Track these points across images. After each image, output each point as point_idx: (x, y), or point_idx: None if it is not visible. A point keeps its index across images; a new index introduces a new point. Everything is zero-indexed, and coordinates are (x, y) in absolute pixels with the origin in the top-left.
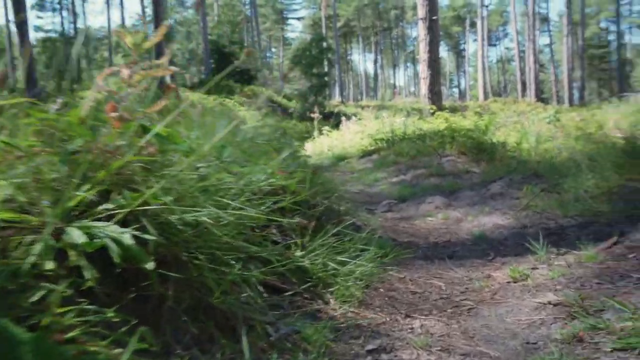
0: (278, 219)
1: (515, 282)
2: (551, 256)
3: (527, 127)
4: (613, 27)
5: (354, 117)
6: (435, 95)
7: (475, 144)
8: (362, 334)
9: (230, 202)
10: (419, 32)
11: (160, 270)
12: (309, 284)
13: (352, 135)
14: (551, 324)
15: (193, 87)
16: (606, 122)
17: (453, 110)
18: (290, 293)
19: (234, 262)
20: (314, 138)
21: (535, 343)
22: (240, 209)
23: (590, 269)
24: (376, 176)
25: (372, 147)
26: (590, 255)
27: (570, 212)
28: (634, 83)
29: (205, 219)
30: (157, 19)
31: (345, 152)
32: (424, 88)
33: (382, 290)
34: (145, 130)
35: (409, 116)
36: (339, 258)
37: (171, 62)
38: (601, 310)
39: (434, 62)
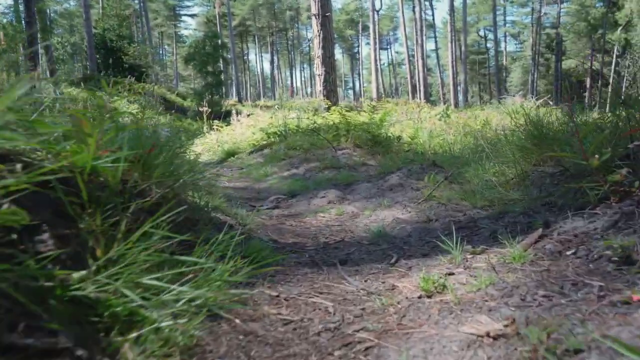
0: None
1: (429, 297)
2: (467, 256)
3: (420, 123)
4: (490, 35)
5: (245, 113)
6: (330, 92)
7: (371, 137)
8: None
9: None
10: (313, 28)
11: None
12: (92, 328)
13: (244, 130)
14: None
15: (76, 83)
16: (490, 120)
17: (349, 109)
18: (36, 350)
19: None
20: (204, 134)
21: None
22: None
23: (524, 273)
24: (266, 171)
25: (265, 142)
26: (517, 253)
27: (478, 203)
28: (509, 87)
29: None
30: (29, 8)
31: (236, 147)
32: (319, 84)
33: (237, 322)
34: None
35: (304, 112)
36: (159, 277)
37: (50, 57)
38: (579, 351)
39: (329, 59)
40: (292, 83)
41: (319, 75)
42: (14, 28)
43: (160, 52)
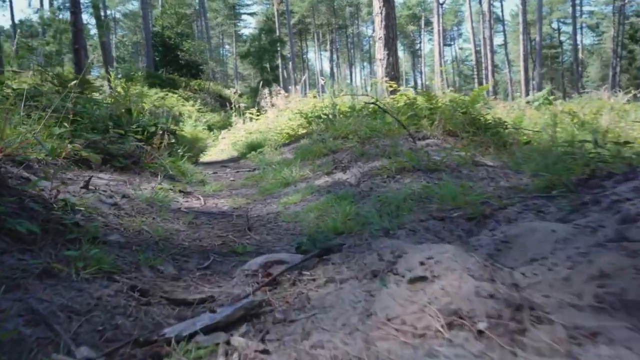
0: None
1: None
2: None
3: (511, 111)
4: (564, 28)
5: (283, 94)
6: (394, 78)
7: (470, 120)
8: None
9: None
10: (373, 5)
11: None
12: None
13: (277, 116)
14: None
15: (132, 80)
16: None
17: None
18: None
19: None
20: (233, 124)
21: None
22: None
23: None
24: (290, 174)
25: (304, 130)
26: None
27: None
28: (585, 82)
29: None
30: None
31: (263, 137)
32: (380, 71)
33: None
34: None
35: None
36: None
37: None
38: None
39: (392, 40)
40: (351, 79)
41: (380, 59)
42: (60, 21)
43: (221, 51)
